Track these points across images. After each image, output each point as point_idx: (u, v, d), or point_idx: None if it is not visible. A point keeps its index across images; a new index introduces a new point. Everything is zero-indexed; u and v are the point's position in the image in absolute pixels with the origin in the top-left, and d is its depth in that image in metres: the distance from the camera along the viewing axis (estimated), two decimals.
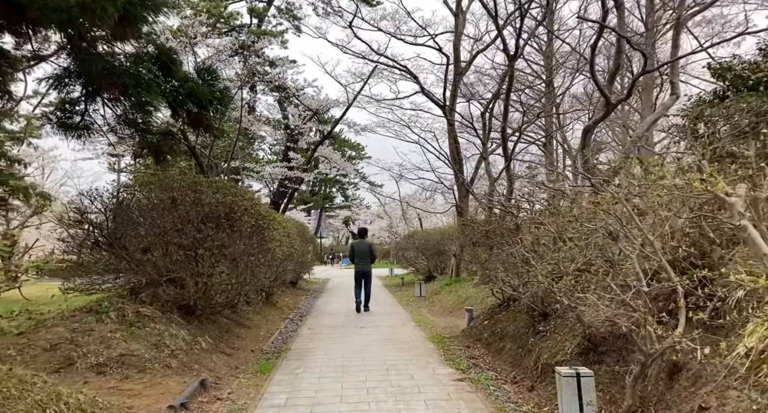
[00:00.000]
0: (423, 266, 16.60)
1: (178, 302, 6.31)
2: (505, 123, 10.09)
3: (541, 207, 5.86)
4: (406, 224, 33.70)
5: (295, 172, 15.94)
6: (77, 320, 5.26)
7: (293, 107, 16.77)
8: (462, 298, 10.50)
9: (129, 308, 5.60)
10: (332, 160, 17.34)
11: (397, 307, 11.37)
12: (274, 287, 10.65)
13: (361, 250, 10.69)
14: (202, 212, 5.96)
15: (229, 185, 6.49)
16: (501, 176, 11.28)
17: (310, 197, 48.43)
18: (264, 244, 6.56)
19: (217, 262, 6.31)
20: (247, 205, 6.22)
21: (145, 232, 6.46)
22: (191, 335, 5.90)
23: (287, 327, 8.65)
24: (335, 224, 54.06)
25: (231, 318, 7.86)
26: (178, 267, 6.03)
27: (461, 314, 9.59)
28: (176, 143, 5.78)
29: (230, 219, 6.19)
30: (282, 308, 10.78)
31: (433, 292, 13.09)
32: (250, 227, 6.19)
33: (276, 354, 6.49)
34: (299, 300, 12.92)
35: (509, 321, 6.48)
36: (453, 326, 8.47)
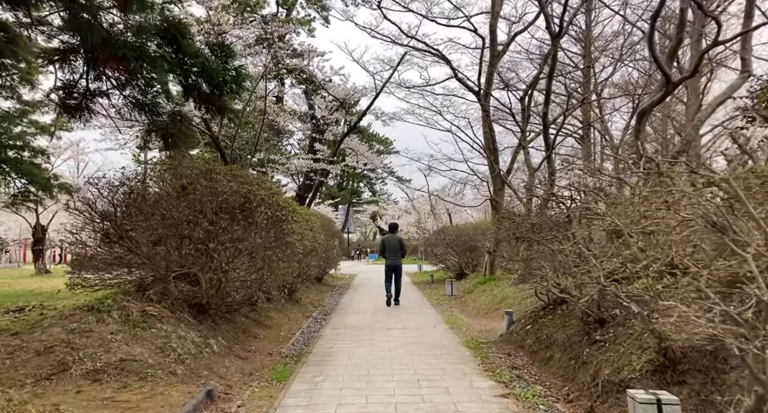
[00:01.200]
0: (453, 263, 15.85)
1: (189, 300, 5.80)
2: (547, 108, 9.25)
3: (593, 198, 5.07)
4: (435, 219, 32.92)
5: (321, 164, 15.39)
6: (76, 319, 4.77)
7: (320, 98, 16.20)
8: (498, 298, 9.74)
9: (134, 307, 5.09)
10: (359, 152, 16.71)
11: (427, 306, 10.69)
12: (297, 283, 10.11)
13: (392, 245, 10.77)
14: (215, 202, 5.41)
15: (245, 173, 5.94)
16: (541, 167, 10.43)
17: (337, 192, 48.11)
18: (282, 237, 5.99)
19: (233, 257, 5.75)
20: (263, 195, 5.64)
21: (156, 223, 5.96)
22: (202, 336, 5.36)
23: (310, 327, 8.08)
24: (362, 220, 53.65)
25: (250, 317, 7.33)
26: (190, 262, 5.50)
27: (498, 316, 8.84)
28: (186, 125, 5.24)
29: (245, 210, 5.62)
30: (306, 306, 10.23)
31: (465, 291, 12.34)
32: (266, 219, 5.61)
33: (295, 358, 5.91)
34: (324, 297, 12.37)
35: (557, 326, 5.72)
36: (489, 329, 7.73)
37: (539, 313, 6.56)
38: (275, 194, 5.99)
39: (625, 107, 18.08)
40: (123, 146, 15.10)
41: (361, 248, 48.62)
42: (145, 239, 6.05)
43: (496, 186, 12.16)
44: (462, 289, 12.59)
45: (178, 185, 5.43)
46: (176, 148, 5.60)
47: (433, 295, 12.92)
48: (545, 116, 9.26)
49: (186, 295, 5.79)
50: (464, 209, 35.79)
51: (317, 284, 14.10)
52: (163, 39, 5.17)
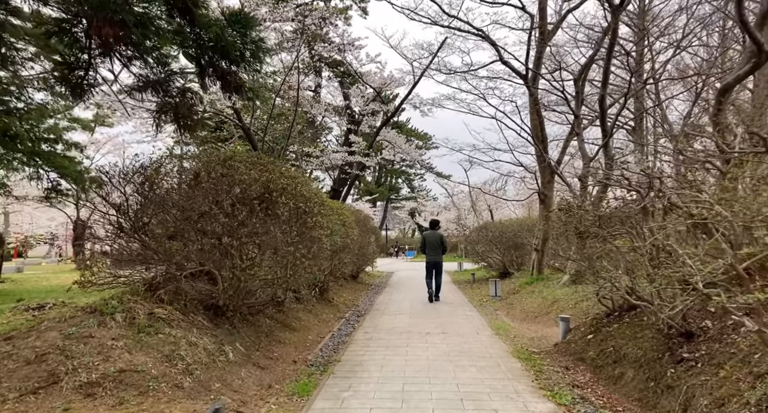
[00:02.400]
0: (496, 261, 14.92)
1: (205, 301, 5.24)
2: (605, 90, 8.22)
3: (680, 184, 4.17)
4: (476, 215, 31.82)
5: (356, 157, 14.75)
6: (76, 323, 4.26)
7: (355, 88, 15.57)
8: (548, 301, 8.83)
9: (141, 309, 4.55)
10: (396, 144, 15.97)
11: (469, 308, 9.87)
12: (329, 281, 9.50)
13: (433, 241, 10.77)
14: (233, 193, 4.81)
15: (267, 160, 5.33)
16: (596, 157, 9.37)
17: (375, 188, 47.57)
18: (307, 232, 5.35)
19: (253, 253, 5.15)
20: (285, 184, 5.01)
21: (171, 216, 5.43)
22: (216, 342, 4.78)
23: (341, 330, 7.43)
24: (401, 216, 52.93)
25: (275, 318, 6.75)
26: (205, 259, 4.93)
27: (549, 321, 7.95)
28: (195, 102, 4.65)
29: (265, 201, 5.00)
30: (338, 306, 9.61)
31: (511, 291, 11.44)
32: (288, 212, 4.97)
33: (322, 368, 5.26)
34: (359, 296, 11.73)
35: (627, 338, 4.83)
36: (541, 337, 6.87)
37: (602, 320, 5.66)
38: (299, 184, 5.35)
39: (682, 95, 16.59)
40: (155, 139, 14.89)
41: (399, 245, 47.94)
42: (161, 233, 5.54)
43: (544, 178, 11.17)
44: (507, 289, 11.69)
45: (191, 172, 4.87)
46: (190, 129, 5.04)
47: (475, 295, 12.07)
48: (602, 99, 8.24)
49: (201, 295, 5.24)
50: (506, 205, 34.52)
51: (352, 283, 13.49)
52: (173, 8, 4.59)
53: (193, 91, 4.59)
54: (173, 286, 4.98)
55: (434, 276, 10.58)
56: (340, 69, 16.33)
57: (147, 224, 5.53)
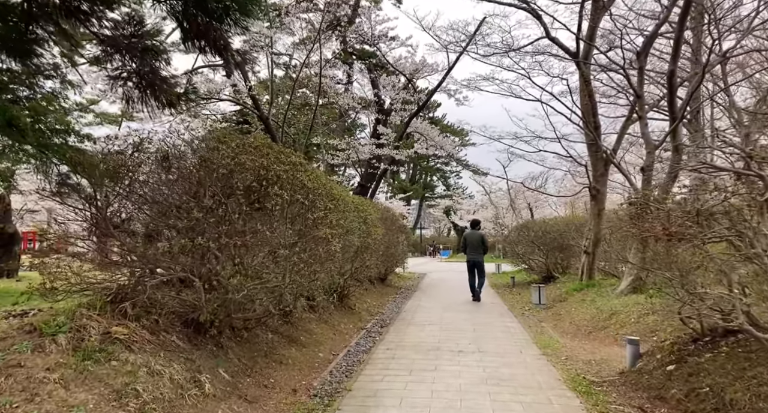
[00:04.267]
0: (539, 264, 13.57)
1: (184, 315, 4.29)
2: (675, 64, 6.83)
3: None
4: (515, 214, 30.23)
5: (385, 150, 13.68)
6: (5, 346, 3.36)
7: (384, 77, 14.50)
8: (603, 313, 7.52)
9: (95, 328, 3.62)
10: (429, 137, 14.81)
11: (509, 318, 8.65)
12: (350, 285, 8.48)
13: (474, 241, 10.84)
14: (210, 181, 3.83)
15: (262, 142, 4.34)
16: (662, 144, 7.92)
17: (409, 186, 46.38)
18: (308, 231, 4.32)
19: (239, 256, 4.16)
20: (281, 171, 4.00)
21: (146, 210, 4.53)
22: (191, 369, 3.80)
23: (359, 345, 6.39)
24: (435, 215, 51.57)
25: (280, 332, 5.76)
26: (176, 263, 3.97)
27: (607, 338, 6.67)
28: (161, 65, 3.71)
29: (254, 192, 4.00)
30: (359, 314, 8.57)
31: (557, 298, 10.13)
32: (281, 206, 3.94)
33: (326, 400, 4.23)
34: (385, 301, 10.67)
35: (732, 376, 3.57)
36: (600, 360, 5.62)
37: (687, 347, 4.39)
38: (301, 172, 4.32)
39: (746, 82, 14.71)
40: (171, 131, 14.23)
41: (435, 245, 46.64)
42: (137, 230, 4.64)
43: (596, 171, 9.79)
44: (552, 296, 10.38)
45: (160, 155, 3.93)
46: (169, 106, 4.12)
47: (515, 302, 10.81)
48: (672, 75, 6.83)
49: (181, 308, 4.29)
50: (547, 204, 32.76)
51: (379, 286, 12.44)
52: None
53: (158, 49, 3.62)
54: (143, 297, 4.04)
55: (477, 275, 10.76)
56: (372, 61, 15.32)
57: (126, 221, 4.65)
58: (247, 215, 4.01)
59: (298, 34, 16.80)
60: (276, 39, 17.32)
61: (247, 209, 3.83)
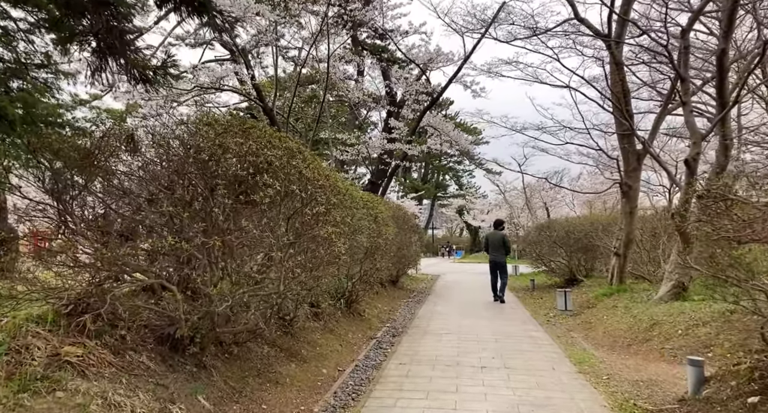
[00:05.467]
0: (561, 266, 12.74)
1: (159, 329, 3.60)
2: (727, 42, 5.96)
3: None
4: (530, 213, 29.29)
5: (397, 145, 12.95)
6: None
7: (397, 68, 13.77)
8: (642, 322, 6.70)
9: (40, 348, 2.95)
10: (444, 132, 14.05)
11: (534, 326, 7.88)
12: (359, 290, 7.76)
13: (495, 241, 10.81)
14: (185, 168, 3.14)
15: (252, 123, 3.64)
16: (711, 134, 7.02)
17: (421, 185, 45.58)
18: (307, 230, 3.61)
19: (228, 258, 3.46)
20: (273, 157, 3.29)
21: (119, 204, 3.86)
22: (162, 398, 3.11)
23: (368, 359, 5.67)
24: (448, 214, 50.73)
25: (278, 345, 5.06)
26: (141, 268, 3.29)
27: (651, 352, 5.86)
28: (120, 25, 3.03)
29: (240, 183, 3.30)
30: (370, 321, 7.85)
31: (584, 304, 9.32)
32: (272, 199, 3.22)
33: None
34: (397, 306, 9.93)
35: None
36: (649, 380, 4.83)
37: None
38: (298, 159, 3.60)
39: None
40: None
41: (450, 245, 45.82)
42: (108, 228, 3.97)
43: (628, 165, 8.96)
44: (578, 301, 9.56)
45: (123, 137, 3.24)
46: (146, 82, 3.44)
47: (538, 308, 10.02)
48: (723, 55, 5.96)
49: (156, 321, 3.61)
50: (564, 203, 31.74)
51: (391, 289, 11.71)
52: None
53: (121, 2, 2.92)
54: (108, 307, 3.35)
55: (499, 276, 10.72)
56: (384, 55, 14.60)
57: (100, 218, 3.98)
58: (231, 210, 3.31)
59: (307, 29, 16.17)
60: (284, 33, 16.70)
61: (231, 202, 3.13)
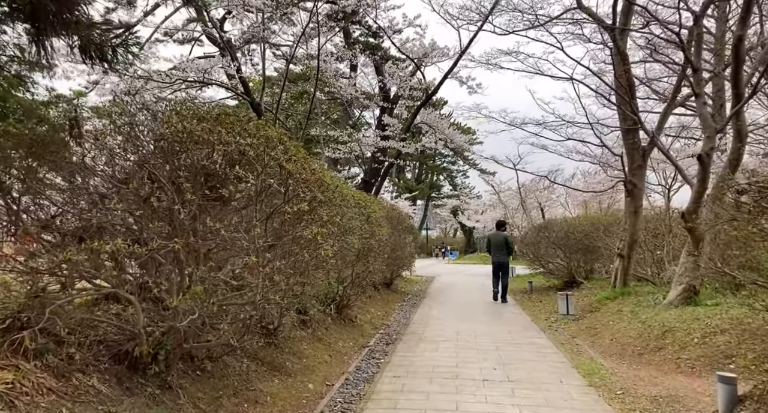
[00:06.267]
0: (560, 267, 12.32)
1: (116, 345, 3.12)
2: (744, 28, 5.52)
3: None
4: (525, 214, 28.97)
5: (391, 142, 12.49)
6: None
7: (390, 64, 13.33)
8: (653, 328, 6.28)
9: None
10: (438, 129, 13.60)
11: (536, 333, 7.45)
12: (350, 294, 7.30)
13: (498, 242, 10.81)
14: (144, 159, 2.66)
15: (224, 109, 3.17)
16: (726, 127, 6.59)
17: (415, 186, 45.17)
18: (288, 230, 3.14)
19: (194, 264, 2.98)
20: (247, 146, 2.81)
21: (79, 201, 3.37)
22: None
23: (360, 371, 5.20)
24: (442, 215, 50.40)
25: (259, 357, 4.58)
26: (109, 274, 2.81)
27: (665, 362, 5.44)
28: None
29: (209, 176, 2.83)
30: (362, 327, 7.39)
31: (586, 308, 8.90)
32: (246, 194, 2.73)
33: None
34: (391, 310, 9.47)
35: None
36: (668, 395, 4.39)
37: None
38: (276, 148, 3.13)
39: None
40: None
41: (444, 245, 45.47)
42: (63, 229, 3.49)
43: (633, 163, 8.55)
44: (580, 305, 9.14)
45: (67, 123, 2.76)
46: (103, 60, 2.97)
47: (538, 311, 9.60)
48: (740, 42, 5.54)
49: (115, 336, 3.14)
50: (559, 203, 31.43)
51: (384, 292, 11.24)
52: None
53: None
54: (54, 322, 2.87)
55: (501, 277, 10.70)
56: (378, 54, 14.17)
57: (57, 217, 3.50)
58: (199, 208, 2.83)
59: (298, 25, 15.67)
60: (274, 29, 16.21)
61: (195, 198, 2.66)
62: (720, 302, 6.40)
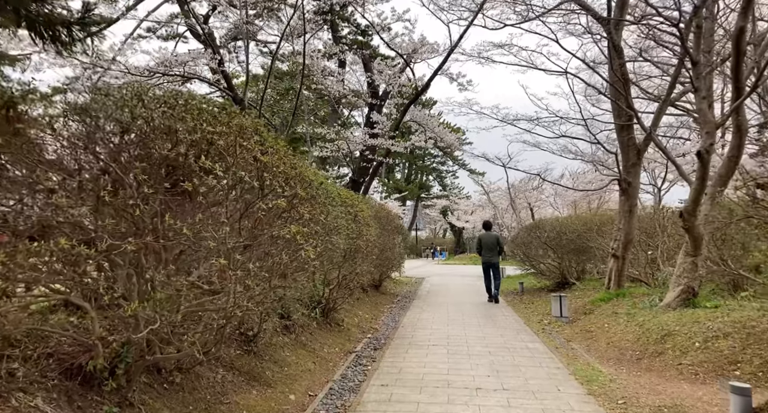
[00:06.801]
0: (551, 268, 12.12)
1: (69, 359, 2.79)
2: (746, 20, 5.28)
3: None
4: (515, 214, 28.85)
5: (380, 140, 12.19)
6: None
7: (380, 60, 13.03)
8: (651, 332, 6.04)
9: None
10: (428, 127, 13.32)
11: (529, 336, 7.19)
12: (337, 297, 6.98)
13: (489, 242, 10.77)
14: (93, 146, 2.34)
15: (192, 94, 2.85)
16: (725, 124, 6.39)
17: (405, 186, 44.93)
18: (264, 230, 2.82)
19: (152, 267, 2.66)
20: (215, 134, 2.49)
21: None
22: None
23: (345, 380, 4.89)
24: (432, 215, 50.24)
25: (236, 367, 4.25)
26: (46, 278, 2.48)
27: (666, 368, 5.20)
28: None
29: (171, 168, 2.51)
30: (348, 331, 7.08)
31: (580, 310, 8.67)
32: (212, 189, 2.41)
33: None
34: (380, 313, 9.17)
35: None
36: (673, 405, 4.14)
37: None
38: (249, 138, 2.81)
39: None
40: None
41: (434, 246, 45.32)
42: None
43: (628, 160, 8.34)
44: (574, 307, 8.92)
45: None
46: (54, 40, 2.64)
47: (530, 313, 9.36)
48: (741, 34, 5.33)
49: (70, 347, 2.80)
50: (548, 204, 31.34)
51: (373, 294, 10.94)
52: None
53: None
54: None
55: (492, 277, 10.68)
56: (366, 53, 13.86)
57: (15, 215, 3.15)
58: (163, 204, 2.51)
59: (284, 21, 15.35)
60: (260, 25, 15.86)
61: (154, 192, 2.34)
62: (720, 305, 6.19)
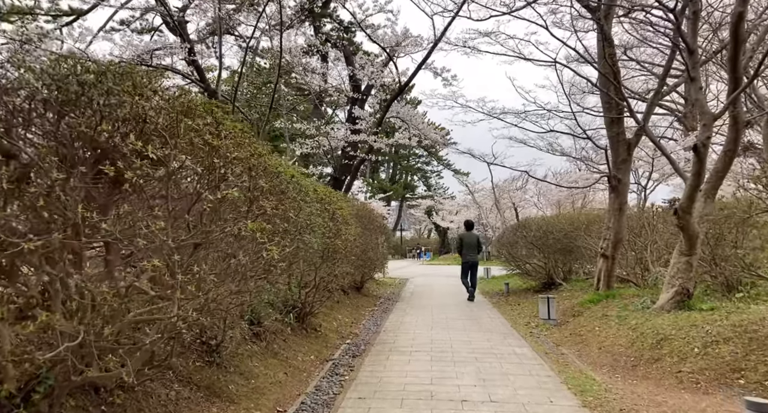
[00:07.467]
0: (537, 268, 11.82)
1: None
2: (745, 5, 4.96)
3: None
4: (499, 214, 28.65)
5: (362, 136, 11.77)
6: None
7: (362, 54, 12.62)
8: (645, 336, 5.72)
9: None
10: (412, 124, 12.94)
11: (517, 341, 6.83)
12: (315, 301, 6.54)
13: (470, 242, 10.95)
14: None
15: (129, 64, 2.42)
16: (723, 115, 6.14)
17: (389, 186, 44.55)
18: (214, 227, 2.38)
19: (68, 270, 2.19)
20: (151, 110, 2.06)
21: None
22: None
23: (319, 392, 4.46)
24: (417, 215, 49.95)
25: (194, 381, 3.79)
26: None
27: (664, 376, 4.86)
28: None
29: (95, 150, 2.06)
30: (326, 336, 6.64)
31: (568, 312, 8.36)
32: (143, 175, 1.98)
33: None
34: (361, 316, 8.75)
35: None
36: None
37: None
38: (197, 117, 2.38)
39: None
40: None
41: (419, 246, 45.03)
42: None
43: (618, 156, 8.04)
44: (562, 308, 8.60)
45: None
46: None
47: (516, 316, 9.02)
48: (740, 20, 5.03)
49: None
50: (532, 204, 31.21)
51: (354, 296, 10.51)
52: None
53: None
54: None
55: (470, 276, 10.91)
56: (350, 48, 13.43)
57: None
58: (80, 193, 2.06)
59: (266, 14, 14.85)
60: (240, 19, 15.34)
61: (64, 175, 1.88)
62: (716, 307, 5.90)
